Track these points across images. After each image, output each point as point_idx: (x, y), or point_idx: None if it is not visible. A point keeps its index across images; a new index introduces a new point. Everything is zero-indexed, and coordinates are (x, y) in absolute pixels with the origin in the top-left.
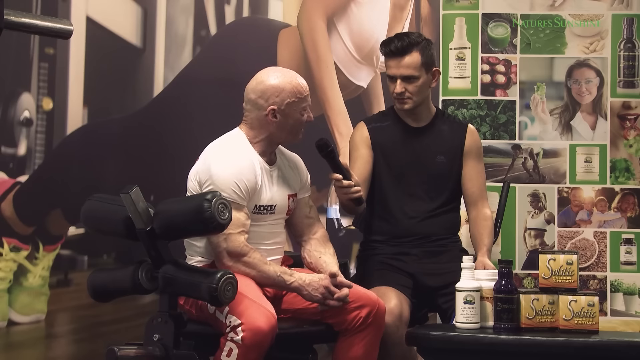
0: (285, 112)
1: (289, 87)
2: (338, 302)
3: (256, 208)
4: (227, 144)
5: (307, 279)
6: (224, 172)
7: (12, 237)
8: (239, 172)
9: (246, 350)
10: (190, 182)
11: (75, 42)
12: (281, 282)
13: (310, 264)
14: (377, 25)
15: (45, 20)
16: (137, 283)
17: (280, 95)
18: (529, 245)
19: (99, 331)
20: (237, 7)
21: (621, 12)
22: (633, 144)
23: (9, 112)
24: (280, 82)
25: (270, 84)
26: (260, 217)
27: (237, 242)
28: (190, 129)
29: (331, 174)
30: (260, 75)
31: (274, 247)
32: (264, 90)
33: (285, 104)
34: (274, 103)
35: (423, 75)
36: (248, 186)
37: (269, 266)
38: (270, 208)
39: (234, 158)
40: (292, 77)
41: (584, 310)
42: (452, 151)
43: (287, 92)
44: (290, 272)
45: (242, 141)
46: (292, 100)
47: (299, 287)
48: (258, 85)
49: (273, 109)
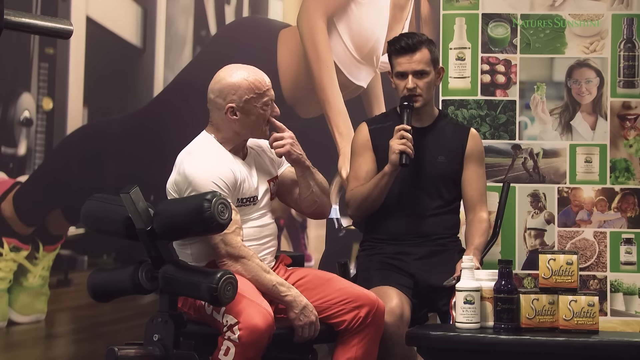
0: (244, 108)
1: (245, 84)
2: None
3: (239, 201)
4: (198, 148)
5: (304, 301)
6: (201, 174)
7: (12, 237)
8: (216, 170)
9: (243, 349)
10: (169, 195)
11: (75, 42)
12: (276, 293)
13: (305, 200)
14: (377, 25)
15: (45, 20)
16: (137, 283)
17: (237, 92)
18: (529, 245)
19: (99, 331)
20: (237, 7)
21: (621, 12)
22: (633, 144)
23: (9, 112)
24: (237, 80)
25: (226, 82)
26: (244, 210)
27: (234, 242)
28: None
29: (399, 126)
30: (218, 74)
31: (265, 241)
32: (221, 89)
33: (243, 101)
34: (232, 101)
35: (432, 71)
36: (228, 183)
37: (266, 274)
38: (252, 199)
39: (207, 159)
40: (250, 73)
41: (584, 310)
42: (453, 153)
43: (243, 88)
44: (288, 286)
45: (211, 143)
46: (250, 97)
47: (292, 302)
48: (216, 84)
49: (231, 107)
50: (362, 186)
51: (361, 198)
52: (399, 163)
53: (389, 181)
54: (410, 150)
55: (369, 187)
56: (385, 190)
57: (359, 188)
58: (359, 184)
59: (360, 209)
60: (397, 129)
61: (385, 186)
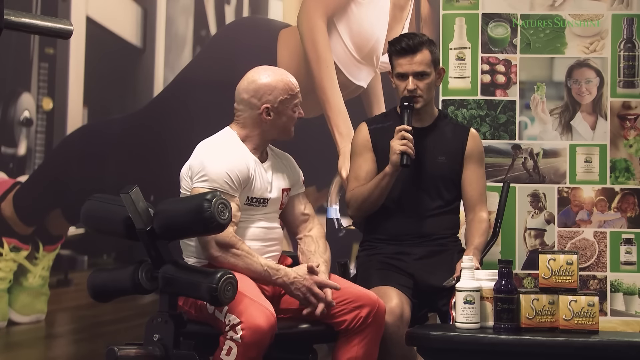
0: (278, 109)
1: (281, 85)
2: (323, 309)
3: (249, 200)
4: (219, 141)
5: (292, 276)
6: (217, 164)
7: (12, 237)
8: (232, 164)
9: (245, 349)
10: (183, 181)
11: (75, 42)
12: (267, 277)
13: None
14: (377, 25)
15: (45, 20)
16: (137, 283)
17: (273, 93)
18: (529, 245)
19: (99, 331)
20: (237, 7)
21: (621, 12)
22: (633, 144)
23: (9, 112)
24: (272, 81)
25: (262, 83)
26: (253, 209)
27: (225, 232)
28: (190, 128)
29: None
30: (251, 75)
31: (270, 244)
32: (257, 89)
33: (278, 102)
34: (267, 101)
35: (432, 72)
36: (240, 177)
37: (256, 259)
38: (262, 201)
39: (226, 152)
40: (283, 74)
41: (584, 310)
42: (453, 153)
43: (279, 89)
44: (277, 267)
45: (233, 139)
46: (284, 98)
47: (283, 284)
48: (250, 84)
49: (267, 107)
50: (362, 186)
51: (362, 198)
52: (399, 164)
53: (389, 182)
54: (411, 151)
55: (370, 188)
56: (386, 190)
57: (360, 188)
58: (359, 184)
59: (360, 210)
60: (397, 129)
61: (385, 187)
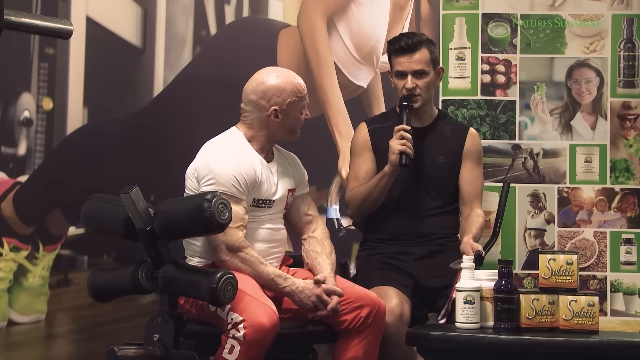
0: (286, 111)
1: (289, 87)
2: (329, 312)
3: (255, 201)
4: (225, 141)
5: (300, 285)
6: (224, 167)
7: (12, 237)
8: (238, 166)
9: (248, 347)
10: (188, 181)
11: (75, 42)
12: (274, 285)
13: (307, 265)
14: (377, 25)
15: (45, 20)
16: (137, 283)
17: (281, 95)
18: (529, 245)
19: (99, 331)
20: (237, 7)
21: (621, 12)
22: (633, 144)
23: (9, 112)
24: (281, 82)
25: (271, 85)
26: (258, 210)
27: (235, 236)
28: (190, 129)
29: (399, 126)
30: (259, 76)
31: (274, 245)
32: (265, 90)
33: (286, 104)
34: (276, 103)
35: (431, 71)
36: (247, 180)
37: (264, 267)
38: (268, 202)
39: (233, 153)
40: (291, 76)
41: (584, 310)
42: (452, 152)
43: (288, 91)
44: (285, 277)
45: (239, 139)
46: (292, 100)
47: (291, 293)
48: (259, 86)
49: (275, 109)
50: (361, 186)
51: (361, 198)
52: (398, 163)
53: (388, 181)
54: (410, 151)
55: (369, 187)
56: (385, 190)
57: (359, 188)
58: (358, 184)
59: (360, 209)
60: (396, 129)
61: (385, 186)
